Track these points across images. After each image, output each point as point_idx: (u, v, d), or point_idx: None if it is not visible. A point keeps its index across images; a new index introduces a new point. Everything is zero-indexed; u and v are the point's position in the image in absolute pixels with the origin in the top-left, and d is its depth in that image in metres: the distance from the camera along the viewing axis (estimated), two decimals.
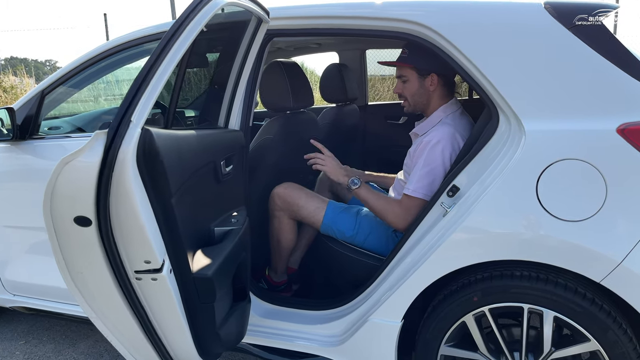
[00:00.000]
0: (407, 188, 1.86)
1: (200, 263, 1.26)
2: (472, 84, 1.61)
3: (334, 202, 2.15)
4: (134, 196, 0.96)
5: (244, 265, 1.63)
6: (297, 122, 2.32)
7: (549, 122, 1.48)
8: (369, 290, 1.84)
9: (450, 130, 1.84)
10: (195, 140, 1.27)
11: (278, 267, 2.30)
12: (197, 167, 1.30)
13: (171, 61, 1.02)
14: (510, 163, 1.51)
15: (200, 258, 1.28)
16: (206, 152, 1.40)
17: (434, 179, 1.82)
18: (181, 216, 1.15)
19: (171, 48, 1.02)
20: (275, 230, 2.19)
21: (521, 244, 1.51)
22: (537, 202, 1.47)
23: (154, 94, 0.98)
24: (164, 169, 1.01)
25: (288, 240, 2.20)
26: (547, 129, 1.48)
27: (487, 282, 1.58)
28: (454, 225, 1.58)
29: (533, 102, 1.51)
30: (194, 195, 1.31)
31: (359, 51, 3.54)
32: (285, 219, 2.16)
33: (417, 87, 1.97)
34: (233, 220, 1.63)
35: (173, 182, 1.06)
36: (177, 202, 1.09)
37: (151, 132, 0.99)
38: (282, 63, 2.18)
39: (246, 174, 1.89)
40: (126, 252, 1.05)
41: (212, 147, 1.47)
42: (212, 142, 1.48)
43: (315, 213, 2.09)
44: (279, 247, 2.22)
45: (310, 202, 2.11)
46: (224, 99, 1.80)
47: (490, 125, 1.61)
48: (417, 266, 1.64)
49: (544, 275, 1.52)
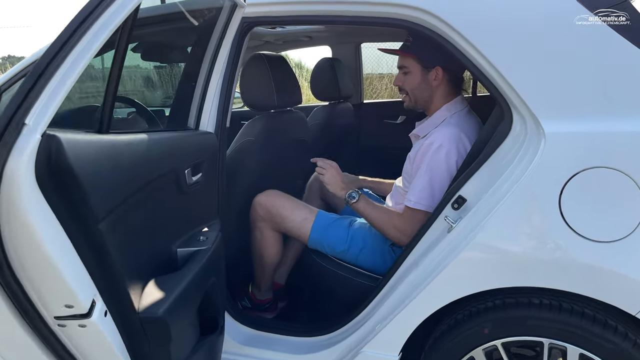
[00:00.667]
0: (409, 199, 1.63)
1: (150, 298, 1.02)
2: (481, 78, 1.38)
3: (323, 212, 1.91)
4: (34, 225, 0.72)
5: (214, 292, 1.39)
6: (282, 122, 2.08)
7: (574, 123, 1.24)
8: (362, 316, 1.61)
9: (455, 132, 1.60)
10: (144, 147, 1.03)
11: (262, 284, 2.06)
12: (147, 179, 1.06)
13: (91, 44, 0.78)
14: (528, 171, 1.27)
15: (152, 291, 1.04)
16: (163, 160, 1.16)
17: (438, 188, 1.59)
18: (120, 243, 0.91)
19: (90, 26, 0.78)
20: (257, 244, 1.95)
21: (540, 268, 1.27)
22: (561, 218, 1.23)
23: (62, 89, 0.73)
24: (80, 187, 0.77)
25: (272, 254, 1.96)
26: (572, 131, 1.24)
27: (499, 311, 1.34)
28: (460, 244, 1.35)
29: (553, 99, 1.27)
30: (145, 213, 1.07)
31: (354, 45, 3.29)
32: (269, 231, 1.92)
33: (419, 80, 1.73)
34: (201, 238, 1.39)
35: (101, 203, 0.82)
36: (111, 226, 0.85)
37: (58, 138, 0.74)
38: (265, 56, 1.93)
39: (222, 181, 1.64)
40: (38, 295, 0.81)
41: (172, 153, 1.23)
42: (172, 147, 1.24)
43: (301, 225, 1.85)
44: (261, 262, 1.98)
45: (296, 213, 1.87)
46: (193, 96, 1.55)
47: (502, 126, 1.38)
48: (418, 291, 1.41)
49: (568, 305, 1.28)
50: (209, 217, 1.53)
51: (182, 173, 1.28)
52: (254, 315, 2.06)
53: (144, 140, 1.06)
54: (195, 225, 1.43)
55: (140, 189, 1.03)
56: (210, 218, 1.54)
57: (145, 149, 1.04)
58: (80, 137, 0.79)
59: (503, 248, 1.30)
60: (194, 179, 1.37)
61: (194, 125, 1.56)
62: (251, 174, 1.92)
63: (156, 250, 1.16)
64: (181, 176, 1.27)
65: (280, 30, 2.94)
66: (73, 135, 0.77)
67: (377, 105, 3.70)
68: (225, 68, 1.63)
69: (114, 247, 0.87)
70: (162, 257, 1.20)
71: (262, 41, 3.02)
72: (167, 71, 3.13)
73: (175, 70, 2.83)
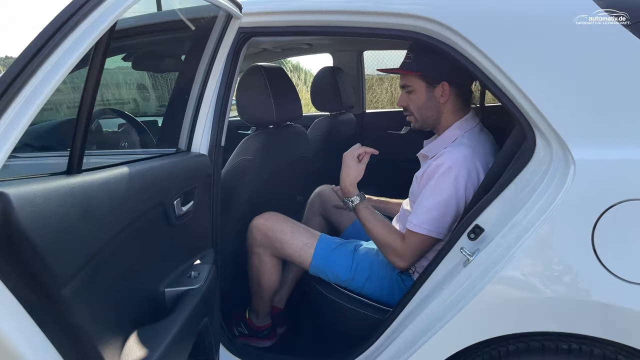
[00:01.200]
0: (411, 222, 1.50)
1: (132, 357, 0.88)
2: (499, 95, 1.25)
3: (326, 237, 1.78)
4: None
5: (206, 332, 1.25)
6: (282, 139, 1.95)
7: (608, 149, 1.11)
8: (369, 353, 1.47)
9: (466, 154, 1.47)
10: (124, 184, 0.90)
11: (260, 310, 1.93)
12: (129, 220, 0.92)
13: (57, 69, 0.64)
14: (556, 202, 1.14)
15: (134, 350, 0.90)
16: (147, 194, 1.03)
17: (443, 212, 1.46)
18: (92, 302, 0.77)
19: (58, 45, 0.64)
20: (254, 270, 1.82)
21: (570, 312, 1.14)
22: (594, 256, 1.10)
23: (22, 119, 0.60)
24: (36, 252, 0.63)
25: (271, 281, 1.83)
26: (606, 159, 1.11)
27: (523, 357, 1.21)
28: (480, 281, 1.21)
29: (584, 121, 1.14)
30: (125, 258, 0.94)
31: (356, 52, 3.16)
32: (267, 257, 1.78)
33: (424, 99, 1.60)
34: (192, 274, 1.25)
35: (64, 263, 0.69)
36: (80, 286, 0.72)
37: (6, 196, 0.61)
38: (263, 68, 1.80)
39: (216, 207, 1.51)
40: None
41: (158, 184, 1.10)
42: (158, 177, 1.10)
43: (302, 251, 1.72)
44: (259, 288, 1.85)
45: (296, 237, 1.74)
46: (185, 114, 1.42)
47: (524, 149, 1.25)
48: (432, 332, 1.27)
49: (600, 351, 1.15)
50: (202, 247, 1.40)
51: (171, 205, 1.15)
52: (251, 344, 1.92)
53: (124, 175, 0.93)
54: (186, 259, 1.30)
55: (120, 232, 0.89)
56: (203, 248, 1.41)
57: (126, 186, 0.90)
58: (37, 187, 0.65)
59: (529, 286, 1.17)
60: (185, 209, 1.23)
61: (186, 147, 1.43)
62: (249, 194, 1.79)
63: (140, 297, 1.03)
64: (169, 209, 1.14)
65: (279, 38, 2.81)
66: (28, 187, 0.64)
67: (379, 115, 3.57)
68: (220, 82, 1.50)
69: (82, 311, 0.74)
70: (147, 302, 1.07)
71: (260, 49, 2.90)
72: (162, 76, 3.01)
73: (171, 76, 2.70)
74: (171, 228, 1.19)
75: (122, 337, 0.93)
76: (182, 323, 1.05)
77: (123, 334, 0.93)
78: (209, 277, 1.27)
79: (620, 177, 1.10)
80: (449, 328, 1.24)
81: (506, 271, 1.18)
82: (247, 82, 1.80)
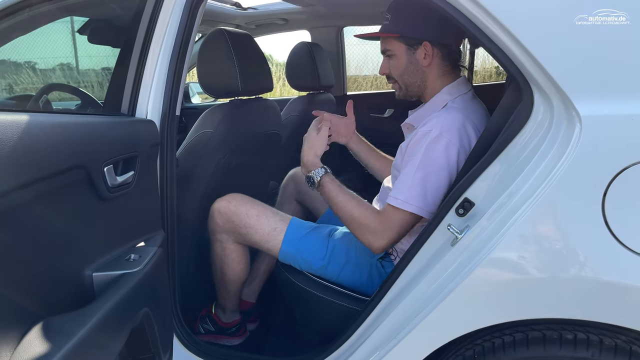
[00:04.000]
0: (395, 197, 1.29)
1: (27, 355, 0.69)
2: (491, 48, 1.06)
3: (297, 220, 1.58)
4: None
5: (148, 326, 1.05)
6: (248, 111, 1.75)
7: (619, 103, 0.94)
8: (345, 348, 1.29)
9: (458, 118, 1.29)
10: (25, 131, 0.70)
11: (226, 305, 1.73)
12: (33, 176, 0.73)
13: None
14: (558, 168, 0.96)
15: (33, 344, 0.71)
16: (62, 151, 0.83)
17: (433, 187, 1.27)
18: None
19: None
20: (217, 260, 1.62)
21: (578, 295, 0.96)
22: (606, 229, 0.92)
23: None
24: None
25: (236, 272, 1.63)
26: (617, 114, 0.94)
27: (521, 349, 1.03)
28: (470, 262, 1.04)
29: (589, 71, 0.96)
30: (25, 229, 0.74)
31: (335, 29, 2.95)
32: (231, 245, 1.58)
33: (405, 62, 1.41)
34: (132, 257, 1.06)
35: None
36: None
37: None
38: (227, 32, 1.60)
39: (169, 183, 1.31)
40: None
41: (79, 144, 0.90)
42: (80, 135, 0.90)
43: (270, 237, 1.52)
44: (224, 280, 1.65)
45: (264, 222, 1.54)
46: (127, 77, 1.23)
47: (520, 110, 1.07)
48: (415, 323, 1.10)
49: (611, 340, 0.98)
50: (148, 229, 1.20)
51: (98, 171, 0.95)
52: (217, 342, 1.73)
53: (27, 122, 0.73)
54: (126, 240, 1.10)
55: (17, 189, 0.70)
56: (150, 230, 1.21)
57: (28, 134, 0.71)
58: None
59: (527, 267, 0.99)
60: (120, 179, 1.03)
61: (129, 112, 1.23)
62: (210, 173, 1.59)
63: (54, 280, 0.83)
64: (96, 176, 0.94)
65: (253, 12, 2.61)
66: None
67: (362, 97, 3.38)
68: (174, 44, 1.30)
69: None
70: (65, 287, 0.87)
71: (233, 24, 2.69)
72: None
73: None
74: (103, 202, 0.99)
75: (20, 330, 0.73)
76: (107, 311, 0.85)
77: (22, 325, 0.74)
78: (152, 261, 1.07)
79: (634, 135, 0.92)
80: (434, 317, 1.07)
81: (500, 250, 1.00)
82: (209, 47, 1.60)
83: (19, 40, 1.73)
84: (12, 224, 0.71)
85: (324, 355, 1.30)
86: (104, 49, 2.44)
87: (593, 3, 0.94)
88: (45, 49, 5.99)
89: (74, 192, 0.89)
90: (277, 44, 25.61)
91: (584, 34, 0.94)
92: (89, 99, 2.08)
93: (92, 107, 2.11)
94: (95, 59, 6.27)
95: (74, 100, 2.26)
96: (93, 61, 6.39)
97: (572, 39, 0.95)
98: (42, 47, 5.80)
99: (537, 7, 0.98)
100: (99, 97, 2.14)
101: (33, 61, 6.47)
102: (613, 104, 0.94)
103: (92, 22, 2.02)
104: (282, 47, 20.08)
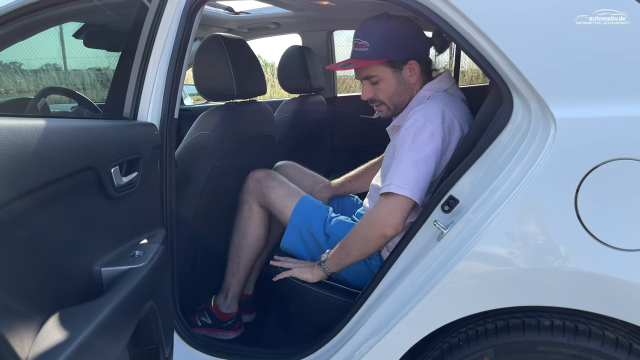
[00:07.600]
0: (390, 184, 1.30)
1: (46, 343, 0.75)
2: (472, 54, 1.13)
3: (310, 197, 1.75)
4: None
5: (153, 319, 1.11)
6: (243, 114, 1.81)
7: (591, 106, 1.02)
8: (336, 341, 1.36)
9: (440, 107, 1.36)
10: (41, 137, 0.76)
11: (231, 287, 1.79)
12: (48, 178, 0.78)
13: None
14: (535, 167, 1.04)
15: (52, 333, 0.77)
16: (74, 154, 0.89)
17: (422, 173, 1.30)
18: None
19: None
20: (242, 222, 1.76)
21: (554, 284, 1.04)
22: (578, 222, 1.00)
23: None
24: None
25: (255, 235, 1.76)
26: (588, 116, 1.02)
27: (502, 335, 1.11)
28: (455, 255, 1.11)
29: (564, 77, 1.04)
30: (39, 228, 0.80)
31: (325, 32, 3.03)
32: (255, 206, 1.74)
33: (394, 84, 1.47)
34: (137, 253, 1.12)
35: None
36: None
37: None
38: (222, 37, 1.66)
39: (169, 184, 1.37)
40: None
41: (89, 146, 0.96)
42: (90, 139, 0.96)
43: (286, 199, 1.70)
44: (241, 245, 1.76)
45: (284, 186, 1.73)
46: (130, 81, 1.28)
47: (501, 113, 1.15)
48: (406, 310, 1.17)
49: (585, 327, 1.06)
50: (150, 227, 1.26)
51: (106, 172, 1.01)
52: (214, 335, 1.79)
53: (42, 127, 0.79)
54: (130, 237, 1.16)
55: (34, 190, 0.75)
56: (152, 228, 1.27)
57: (44, 139, 0.77)
58: None
59: (508, 259, 1.07)
60: (126, 179, 1.09)
61: (131, 116, 1.28)
62: (207, 174, 1.65)
63: (68, 274, 0.89)
64: (104, 177, 1.00)
65: (245, 16, 2.67)
66: None
67: (352, 99, 3.45)
68: (172, 49, 1.36)
69: None
70: (77, 281, 0.92)
71: (225, 28, 2.75)
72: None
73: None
74: (110, 201, 1.05)
75: (39, 320, 0.79)
76: (117, 304, 0.91)
77: (40, 315, 0.79)
78: (156, 257, 1.13)
79: (604, 136, 1.00)
80: (423, 307, 1.14)
81: (482, 244, 1.08)
82: (205, 51, 1.66)
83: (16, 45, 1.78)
84: (34, 222, 0.77)
85: (319, 346, 1.36)
86: (92, 51, 2.49)
87: (572, 8, 1.01)
88: (35, 51, 6.01)
89: (84, 192, 0.95)
90: (265, 45, 25.64)
91: (565, 38, 1.02)
92: (85, 102, 2.13)
93: (88, 110, 2.15)
94: (82, 60, 6.31)
95: (70, 103, 2.30)
96: (81, 62, 6.43)
97: (551, 46, 1.03)
98: (31, 50, 5.82)
99: (515, 13, 1.05)
100: (90, 98, 2.19)
101: (19, 62, 6.48)
102: (585, 107, 1.02)
103: (87, 26, 2.07)
104: (271, 48, 20.08)
